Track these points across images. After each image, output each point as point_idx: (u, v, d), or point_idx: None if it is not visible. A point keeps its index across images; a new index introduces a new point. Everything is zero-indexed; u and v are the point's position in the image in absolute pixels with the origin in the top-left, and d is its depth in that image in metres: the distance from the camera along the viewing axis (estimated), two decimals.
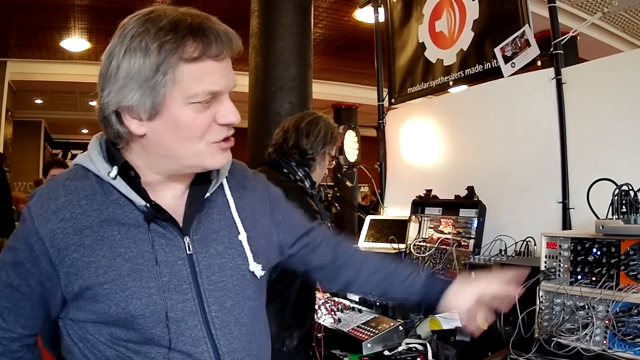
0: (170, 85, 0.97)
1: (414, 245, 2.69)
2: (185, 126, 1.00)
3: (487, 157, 2.82)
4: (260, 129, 4.26)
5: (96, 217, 1.02)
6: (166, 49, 0.95)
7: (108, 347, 1.02)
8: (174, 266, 1.05)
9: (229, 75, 1.03)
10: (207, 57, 0.98)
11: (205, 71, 0.98)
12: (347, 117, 12.09)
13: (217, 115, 1.02)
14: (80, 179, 1.06)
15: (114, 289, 0.99)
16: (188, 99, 0.98)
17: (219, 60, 1.00)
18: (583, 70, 2.49)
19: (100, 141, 1.10)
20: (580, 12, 6.62)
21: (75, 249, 1.00)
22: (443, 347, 1.92)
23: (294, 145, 2.20)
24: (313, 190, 2.21)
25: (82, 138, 15.26)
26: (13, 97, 10.40)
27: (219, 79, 1.00)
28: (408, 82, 3.49)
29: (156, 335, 1.01)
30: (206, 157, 1.04)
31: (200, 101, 0.99)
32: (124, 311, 0.99)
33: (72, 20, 7.70)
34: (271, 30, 4.34)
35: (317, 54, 8.62)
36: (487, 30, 2.87)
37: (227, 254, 1.13)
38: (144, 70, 0.96)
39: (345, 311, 2.30)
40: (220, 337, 1.07)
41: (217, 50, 0.98)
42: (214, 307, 1.07)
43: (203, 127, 1.01)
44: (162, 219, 1.05)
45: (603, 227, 1.45)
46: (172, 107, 0.99)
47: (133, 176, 1.04)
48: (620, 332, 1.37)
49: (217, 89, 1.00)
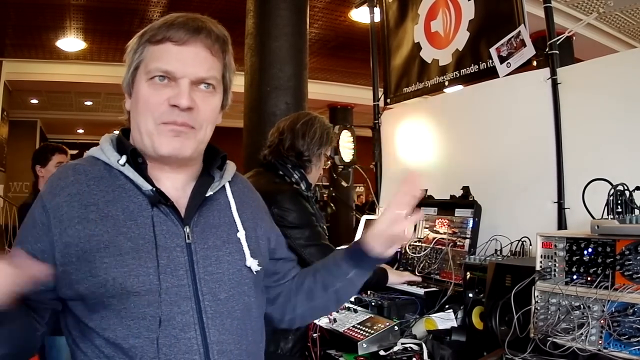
0: (140, 64, 1.12)
1: (410, 245, 2.69)
2: (141, 100, 1.11)
3: (483, 157, 2.82)
4: (255, 129, 4.26)
5: (102, 197, 1.08)
6: (144, 37, 1.13)
7: (97, 335, 1.04)
8: (172, 252, 1.08)
9: (188, 62, 1.10)
10: (167, 40, 1.10)
11: (163, 51, 1.10)
12: (343, 117, 12.10)
13: (170, 97, 1.09)
14: (90, 165, 1.13)
15: (113, 264, 1.02)
16: (147, 74, 1.10)
17: (179, 45, 1.10)
18: (578, 70, 2.50)
19: (111, 137, 1.19)
20: (576, 12, 6.64)
21: (79, 220, 1.05)
22: (438, 347, 1.92)
23: (290, 147, 2.20)
24: (309, 193, 2.21)
25: (77, 138, 15.25)
26: (8, 97, 10.37)
27: (173, 61, 1.09)
28: (403, 82, 3.49)
29: (148, 314, 1.03)
30: (156, 138, 1.10)
31: (153, 77, 1.09)
32: (120, 286, 1.02)
33: (68, 20, 7.68)
34: (266, 30, 4.34)
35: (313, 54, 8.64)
36: (483, 30, 2.87)
37: (224, 248, 1.16)
38: (130, 54, 1.14)
39: (341, 311, 2.30)
40: (211, 326, 1.08)
41: (178, 36, 1.09)
42: (208, 297, 1.10)
43: (155, 103, 1.09)
44: (165, 204, 1.11)
45: (598, 227, 1.45)
46: (138, 83, 1.12)
47: (140, 163, 1.11)
48: (616, 332, 1.37)
49: (169, 68, 1.09)
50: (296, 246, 2.03)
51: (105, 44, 8.70)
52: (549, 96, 2.45)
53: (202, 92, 1.12)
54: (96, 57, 9.52)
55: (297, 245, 2.03)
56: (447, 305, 2.18)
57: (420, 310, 2.25)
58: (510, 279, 1.75)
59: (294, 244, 2.03)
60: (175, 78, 1.09)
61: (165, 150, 1.10)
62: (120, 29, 7.57)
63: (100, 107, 12.82)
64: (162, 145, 1.10)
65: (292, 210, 2.06)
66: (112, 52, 9.11)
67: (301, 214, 2.08)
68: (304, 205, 2.10)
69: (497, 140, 2.75)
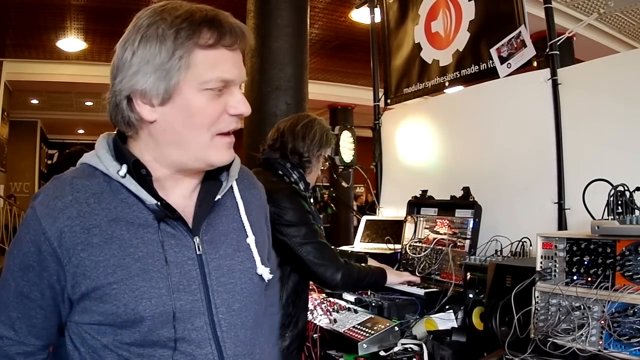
0: (184, 70, 0.99)
1: (410, 246, 2.69)
2: (197, 112, 1.01)
3: (483, 158, 2.82)
4: (256, 129, 4.26)
5: (104, 216, 1.00)
6: (182, 35, 0.98)
7: (110, 352, 1.00)
8: (184, 266, 1.03)
9: (240, 67, 1.05)
10: (221, 46, 1.00)
11: (219, 59, 1.01)
12: (343, 118, 12.12)
13: (228, 106, 1.03)
14: (87, 177, 1.04)
15: (123, 289, 0.97)
16: (201, 84, 0.99)
17: (232, 50, 1.02)
18: (579, 70, 2.50)
19: (107, 140, 1.10)
20: (576, 12, 6.65)
21: (82, 247, 0.98)
22: (439, 348, 1.92)
23: (290, 148, 2.20)
24: (307, 193, 2.21)
25: (78, 138, 15.25)
26: (9, 97, 10.39)
27: (232, 68, 1.02)
28: (404, 82, 3.49)
29: (162, 336, 1.00)
30: (211, 151, 1.04)
31: (212, 88, 1.00)
32: (133, 312, 0.97)
33: (68, 20, 7.69)
34: (267, 30, 4.34)
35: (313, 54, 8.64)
36: (483, 31, 2.87)
37: (236, 257, 1.12)
38: (160, 55, 0.98)
39: (341, 312, 2.30)
40: (227, 339, 1.06)
41: (230, 40, 1.01)
42: (222, 309, 1.06)
43: (214, 115, 1.02)
44: (172, 218, 1.04)
45: (599, 227, 1.45)
46: (185, 92, 1.00)
47: (144, 174, 1.03)
48: (616, 333, 1.37)
49: (229, 77, 1.02)
50: (293, 244, 2.02)
51: (106, 44, 8.69)
52: (550, 97, 2.45)
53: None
54: (96, 57, 9.52)
55: (294, 244, 2.03)
56: (447, 305, 2.18)
57: (421, 310, 2.24)
58: (510, 280, 1.75)
59: (291, 242, 2.02)
60: (229, 86, 1.03)
61: (219, 161, 1.06)
62: (121, 30, 7.45)
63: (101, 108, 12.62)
64: (220, 157, 1.05)
65: (289, 209, 2.05)
66: (113, 52, 9.09)
67: (298, 212, 2.08)
68: (301, 204, 2.10)
69: (498, 140, 2.75)
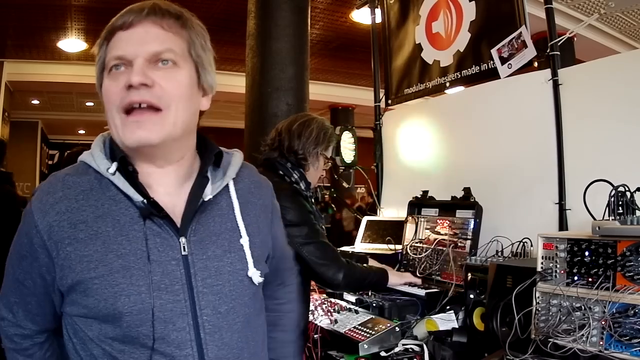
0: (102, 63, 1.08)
1: (411, 246, 2.69)
2: (104, 94, 1.07)
3: (484, 159, 2.82)
4: (256, 130, 4.26)
5: (92, 212, 1.03)
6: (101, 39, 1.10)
7: (96, 345, 1.03)
8: (167, 266, 1.04)
9: (138, 42, 1.05)
10: (116, 30, 1.06)
11: (115, 41, 1.06)
12: (344, 118, 12.13)
13: (126, 81, 1.03)
14: (80, 175, 1.08)
15: (104, 285, 1.00)
16: (106, 69, 1.07)
17: (127, 29, 1.06)
18: (580, 71, 2.49)
19: (104, 139, 1.13)
20: (577, 13, 6.64)
21: (69, 242, 1.01)
22: (439, 348, 1.91)
23: (287, 147, 2.21)
24: (308, 192, 2.21)
25: (79, 139, 15.24)
26: (10, 98, 10.39)
27: (124, 46, 1.05)
28: (405, 83, 3.49)
29: (141, 334, 1.01)
30: (121, 130, 1.04)
31: (110, 67, 1.05)
32: (112, 307, 1.00)
33: (69, 20, 7.70)
34: (268, 31, 4.34)
35: (314, 55, 8.64)
36: (484, 32, 2.87)
37: (225, 258, 1.11)
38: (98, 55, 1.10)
39: (342, 312, 2.30)
40: (209, 342, 1.05)
41: (121, 20, 1.06)
42: (207, 311, 1.06)
43: (114, 92, 1.04)
44: (158, 216, 1.05)
45: (599, 228, 1.44)
46: (102, 81, 1.08)
47: (131, 171, 1.06)
48: (617, 333, 1.37)
49: (120, 53, 1.04)
50: (294, 244, 2.02)
51: None
52: (550, 97, 2.45)
53: (162, 69, 1.04)
54: None
55: (296, 243, 2.02)
56: (448, 306, 2.18)
57: (421, 311, 2.24)
58: (511, 280, 1.75)
59: (293, 241, 2.01)
60: (130, 62, 1.03)
61: (130, 140, 1.03)
62: None
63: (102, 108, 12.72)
64: (127, 135, 1.03)
65: (291, 208, 2.05)
66: None
67: (299, 212, 2.08)
68: (303, 204, 2.10)
69: (498, 141, 2.75)
